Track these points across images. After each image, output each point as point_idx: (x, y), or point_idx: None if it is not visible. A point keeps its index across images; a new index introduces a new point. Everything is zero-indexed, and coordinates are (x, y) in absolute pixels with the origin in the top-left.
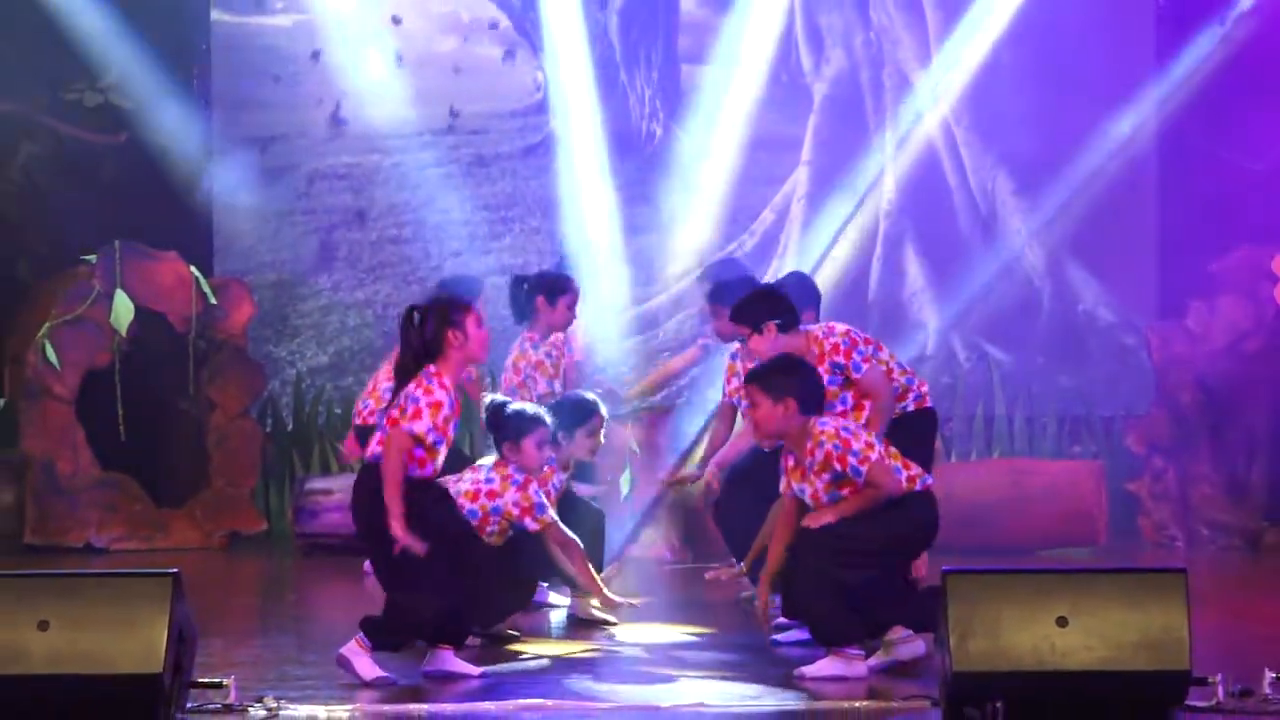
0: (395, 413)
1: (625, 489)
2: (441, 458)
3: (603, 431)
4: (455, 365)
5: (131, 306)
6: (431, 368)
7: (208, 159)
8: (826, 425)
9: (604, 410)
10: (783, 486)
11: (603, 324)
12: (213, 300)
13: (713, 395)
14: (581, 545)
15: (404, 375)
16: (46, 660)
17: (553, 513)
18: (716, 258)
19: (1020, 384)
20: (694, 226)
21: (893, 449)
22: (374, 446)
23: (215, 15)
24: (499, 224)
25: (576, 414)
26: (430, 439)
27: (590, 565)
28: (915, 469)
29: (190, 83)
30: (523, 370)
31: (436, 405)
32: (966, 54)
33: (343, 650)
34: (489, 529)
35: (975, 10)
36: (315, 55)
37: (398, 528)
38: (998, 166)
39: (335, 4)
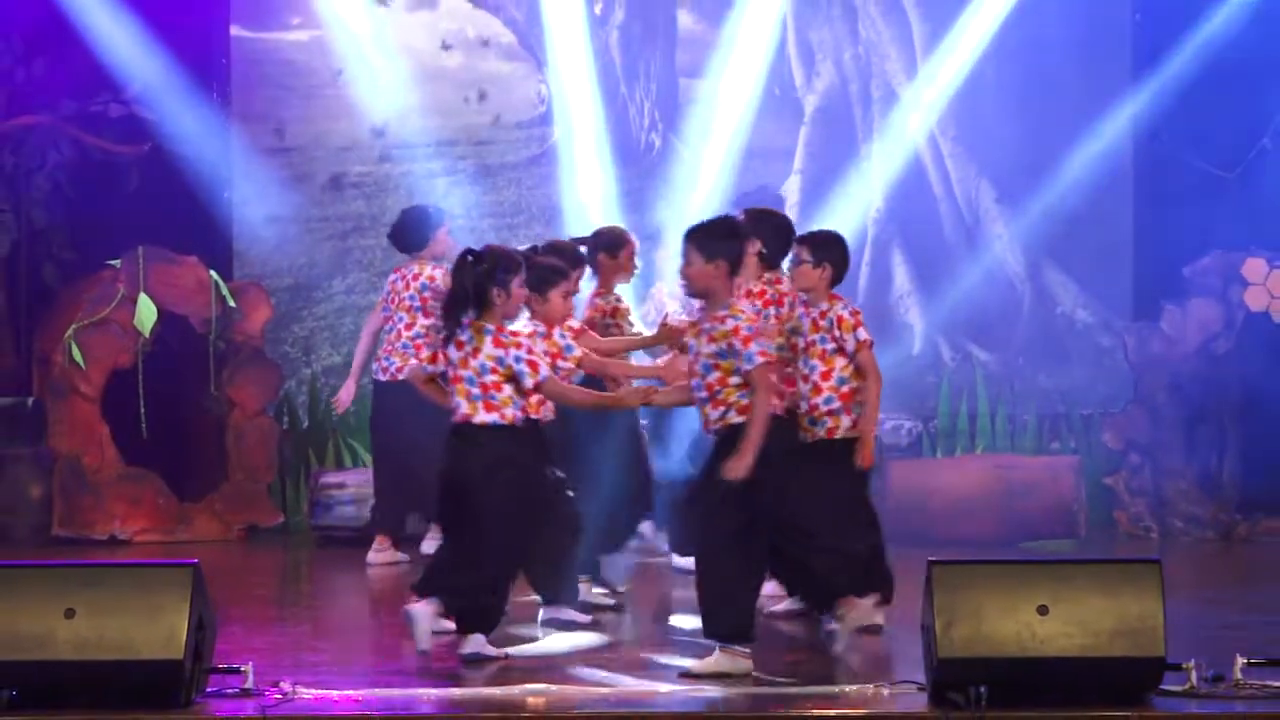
0: (491, 378)
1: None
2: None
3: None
4: (495, 318)
5: (154, 309)
6: (488, 325)
7: (228, 168)
8: (748, 309)
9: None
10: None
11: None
12: (232, 303)
13: None
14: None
15: (451, 310)
16: (73, 647)
17: (579, 350)
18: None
19: (1002, 383)
20: None
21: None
22: (483, 413)
23: (235, 30)
24: (505, 231)
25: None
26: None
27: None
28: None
29: (211, 95)
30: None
31: (521, 344)
32: (951, 68)
33: (413, 608)
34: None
35: (959, 26)
36: (331, 70)
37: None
38: (981, 175)
39: (350, 21)
